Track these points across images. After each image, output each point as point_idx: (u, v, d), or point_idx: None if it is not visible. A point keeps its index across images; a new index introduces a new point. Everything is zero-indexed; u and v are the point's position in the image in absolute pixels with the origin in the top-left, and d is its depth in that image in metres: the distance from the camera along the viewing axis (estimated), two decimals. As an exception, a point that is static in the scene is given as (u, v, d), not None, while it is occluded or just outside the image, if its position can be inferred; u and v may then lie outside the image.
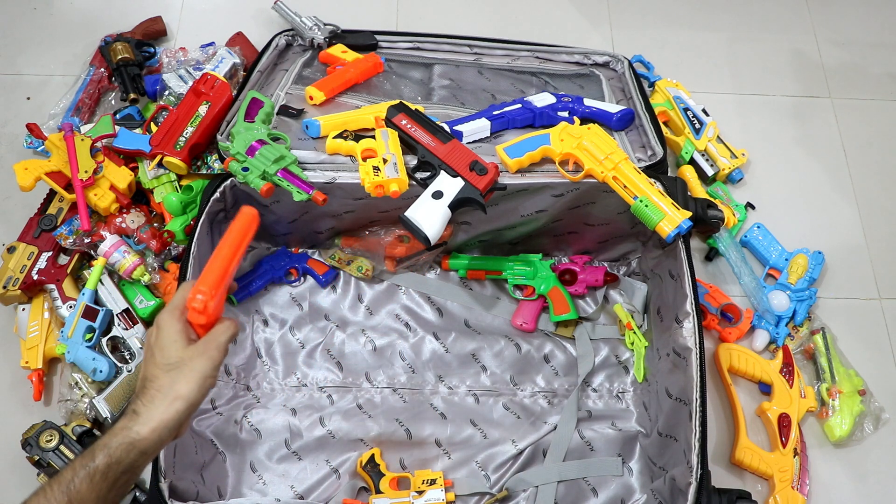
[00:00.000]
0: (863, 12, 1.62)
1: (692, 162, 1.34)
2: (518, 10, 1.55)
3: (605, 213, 1.14)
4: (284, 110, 1.13)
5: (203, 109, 1.13)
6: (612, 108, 1.17)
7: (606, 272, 1.21)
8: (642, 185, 1.02)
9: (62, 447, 0.99)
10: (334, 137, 1.06)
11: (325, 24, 1.32)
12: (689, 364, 0.98)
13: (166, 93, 1.24)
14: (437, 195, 1.00)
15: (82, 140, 1.10)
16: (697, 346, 0.99)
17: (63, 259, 1.13)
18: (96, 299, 1.09)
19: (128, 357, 1.07)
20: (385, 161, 1.02)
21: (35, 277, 1.10)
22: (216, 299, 0.67)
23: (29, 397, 1.07)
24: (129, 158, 1.15)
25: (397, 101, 1.11)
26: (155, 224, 1.15)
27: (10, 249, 1.11)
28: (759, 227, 1.30)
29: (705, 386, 0.96)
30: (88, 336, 1.05)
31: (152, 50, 1.35)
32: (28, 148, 1.27)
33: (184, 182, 1.14)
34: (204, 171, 1.12)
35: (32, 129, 1.15)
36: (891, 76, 1.54)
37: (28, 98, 1.36)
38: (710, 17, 1.58)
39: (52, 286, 1.09)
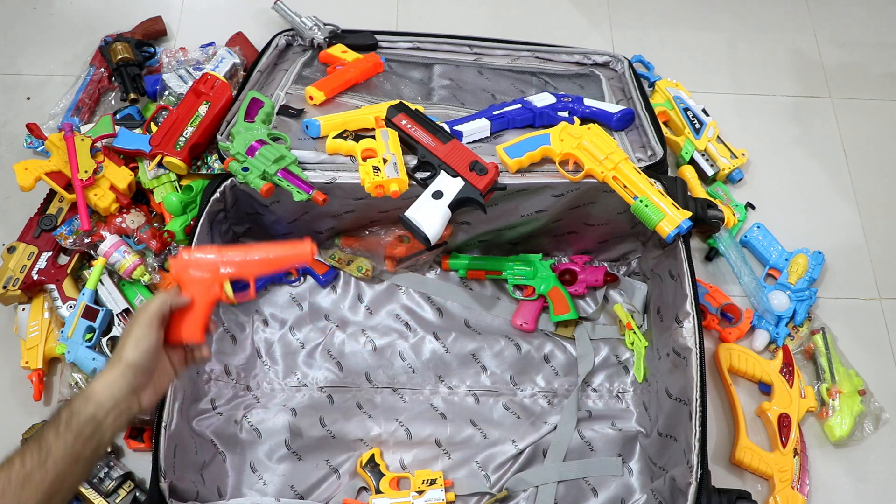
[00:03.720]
0: (863, 12, 1.62)
1: (692, 162, 1.34)
2: (518, 10, 1.55)
3: (605, 213, 1.14)
4: (284, 110, 1.13)
5: (203, 109, 1.13)
6: (612, 108, 1.17)
7: (606, 272, 1.21)
8: (642, 185, 1.02)
9: (62, 447, 0.99)
10: (334, 137, 1.06)
11: (325, 24, 1.32)
12: (689, 364, 0.98)
13: (166, 93, 1.24)
14: (437, 195, 1.00)
15: (82, 140, 1.10)
16: (697, 346, 0.99)
17: (63, 259, 1.13)
18: (96, 299, 1.09)
19: (128, 357, 1.06)
20: (385, 161, 1.02)
21: (35, 277, 1.10)
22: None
23: (29, 397, 1.07)
24: (129, 158, 1.15)
25: (397, 101, 1.11)
26: (155, 224, 1.15)
27: (10, 249, 1.11)
28: (759, 227, 1.30)
29: (705, 386, 0.96)
30: (88, 336, 1.05)
31: (152, 50, 1.35)
32: (28, 148, 1.27)
33: (184, 182, 1.14)
34: (204, 171, 1.12)
35: (32, 129, 1.15)
36: (891, 76, 1.54)
37: (28, 98, 1.36)
38: (710, 17, 1.58)
39: (52, 286, 1.09)
